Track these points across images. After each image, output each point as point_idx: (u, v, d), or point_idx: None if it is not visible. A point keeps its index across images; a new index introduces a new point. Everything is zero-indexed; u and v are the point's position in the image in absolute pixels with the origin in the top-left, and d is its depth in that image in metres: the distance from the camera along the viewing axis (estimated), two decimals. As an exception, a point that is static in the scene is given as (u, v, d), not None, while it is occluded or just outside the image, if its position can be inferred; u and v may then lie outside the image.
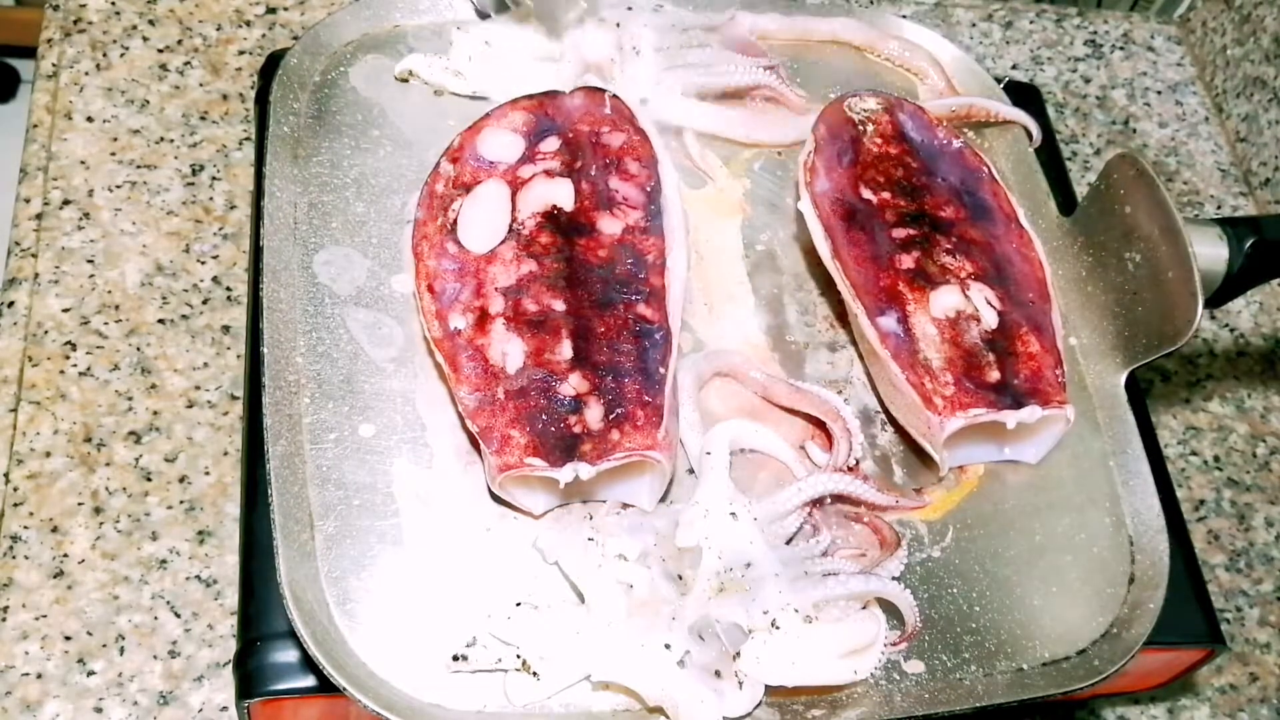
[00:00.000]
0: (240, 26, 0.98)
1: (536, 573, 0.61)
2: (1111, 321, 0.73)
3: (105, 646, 0.73)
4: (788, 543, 0.63)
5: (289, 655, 0.61)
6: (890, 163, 0.75)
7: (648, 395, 0.62)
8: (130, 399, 0.81)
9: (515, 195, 0.69)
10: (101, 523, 0.77)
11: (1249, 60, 1.10)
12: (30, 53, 1.09)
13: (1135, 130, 1.12)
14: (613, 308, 0.65)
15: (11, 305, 0.83)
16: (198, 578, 0.76)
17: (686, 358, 0.69)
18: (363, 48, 0.77)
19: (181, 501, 0.78)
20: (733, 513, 0.61)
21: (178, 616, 0.75)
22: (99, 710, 0.71)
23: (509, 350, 0.63)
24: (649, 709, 0.58)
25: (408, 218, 0.70)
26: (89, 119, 0.91)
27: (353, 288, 0.68)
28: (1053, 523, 0.68)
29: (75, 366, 0.81)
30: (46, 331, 0.82)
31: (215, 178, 0.91)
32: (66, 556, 0.75)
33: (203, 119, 0.93)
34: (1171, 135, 1.12)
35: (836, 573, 0.61)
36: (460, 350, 0.63)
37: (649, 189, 0.70)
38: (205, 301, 0.86)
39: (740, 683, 0.58)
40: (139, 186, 0.89)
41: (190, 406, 0.81)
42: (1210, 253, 0.68)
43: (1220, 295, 0.70)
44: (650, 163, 0.71)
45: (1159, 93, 1.14)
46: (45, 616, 0.73)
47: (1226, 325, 1.03)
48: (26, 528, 0.76)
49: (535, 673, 0.58)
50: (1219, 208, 1.09)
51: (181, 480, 0.79)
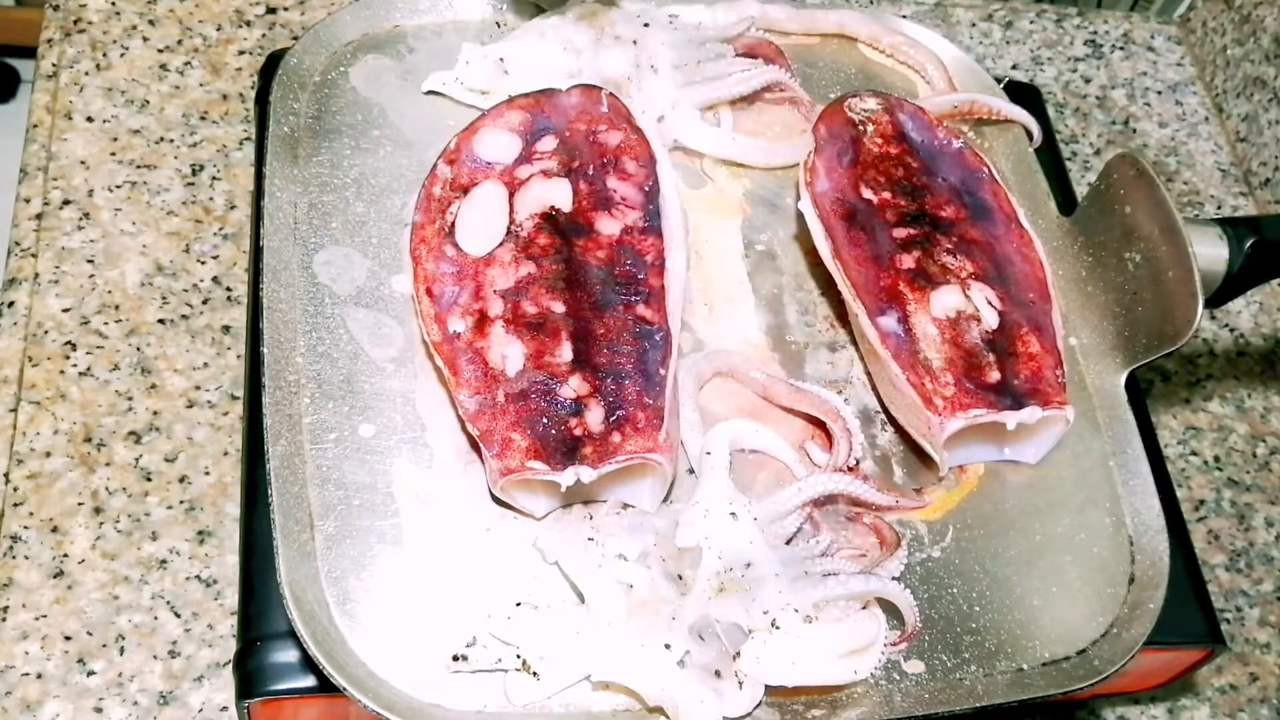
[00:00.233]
0: (240, 26, 0.98)
1: (536, 573, 0.61)
2: (1111, 321, 0.73)
3: (105, 646, 0.73)
4: (788, 543, 0.63)
5: (289, 655, 0.61)
6: (891, 162, 0.75)
7: (648, 397, 0.62)
8: (130, 399, 0.81)
9: (513, 196, 0.69)
10: (101, 523, 0.77)
11: (1249, 60, 1.10)
12: (30, 53, 1.09)
13: (1135, 130, 1.12)
14: (612, 309, 0.65)
15: (11, 305, 0.83)
16: (198, 578, 0.76)
17: (686, 358, 0.69)
18: (363, 48, 0.77)
19: (181, 501, 0.78)
20: (733, 513, 0.61)
21: (178, 616, 0.75)
22: (99, 710, 0.71)
23: (509, 353, 0.63)
24: (649, 709, 0.58)
25: (408, 218, 0.69)
26: (89, 119, 0.91)
27: (353, 288, 0.68)
28: (1053, 523, 0.68)
29: (75, 366, 0.81)
30: (46, 331, 0.82)
31: (215, 178, 0.91)
32: (66, 556, 0.75)
33: (203, 119, 0.93)
34: (1171, 135, 1.12)
35: (836, 573, 0.61)
36: (460, 353, 0.63)
37: (647, 188, 0.70)
38: (205, 301, 0.86)
39: (740, 683, 0.58)
40: (139, 186, 0.89)
41: (190, 406, 0.81)
42: (1210, 253, 0.68)
43: (1220, 295, 0.70)
44: (648, 162, 0.71)
45: (1159, 93, 1.14)
46: (45, 616, 0.73)
47: (1226, 325, 1.03)
48: (26, 528, 0.76)
49: (535, 673, 0.58)
50: (1219, 208, 1.09)
51: (181, 480, 0.79)
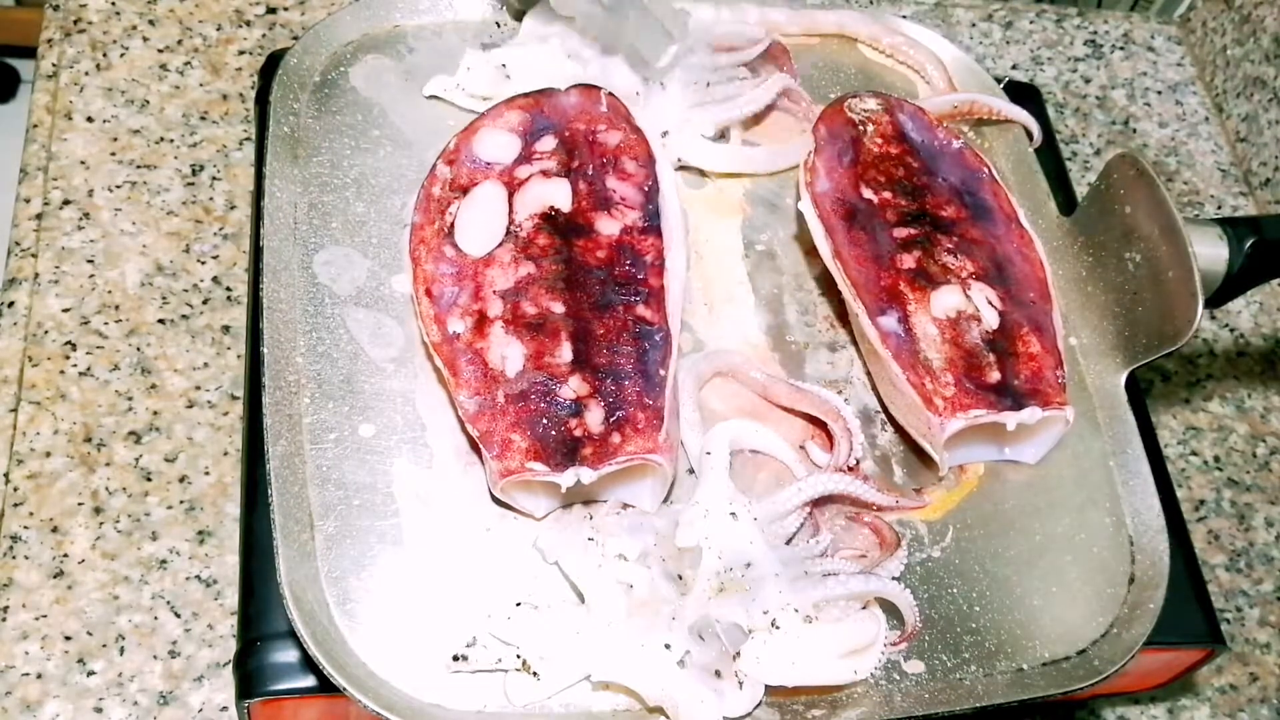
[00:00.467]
0: (240, 26, 0.98)
1: (536, 573, 0.61)
2: (1111, 321, 0.73)
3: (105, 646, 0.73)
4: (788, 543, 0.63)
5: (289, 655, 0.61)
6: (891, 162, 0.74)
7: (648, 397, 0.62)
8: (130, 399, 0.81)
9: (512, 197, 0.69)
10: (101, 523, 0.77)
11: (1249, 60, 1.10)
12: (30, 53, 1.09)
13: (1135, 130, 1.12)
14: (612, 309, 0.65)
15: (11, 305, 0.83)
16: (198, 578, 0.76)
17: (686, 358, 0.69)
18: (363, 48, 0.77)
19: (181, 501, 0.78)
20: (733, 513, 0.61)
21: (178, 616, 0.75)
22: (99, 710, 0.71)
23: (508, 353, 0.63)
24: (649, 709, 0.58)
25: (408, 218, 0.69)
26: (89, 119, 0.91)
27: (353, 288, 0.68)
28: (1053, 523, 0.68)
29: (75, 366, 0.81)
30: (46, 331, 0.82)
31: (215, 178, 0.91)
32: (66, 556, 0.75)
33: (203, 119, 0.93)
34: (1171, 135, 1.12)
35: (836, 573, 0.61)
36: (459, 354, 0.63)
37: (647, 188, 0.70)
38: (205, 301, 0.86)
39: (740, 683, 0.58)
40: (139, 186, 0.89)
41: (190, 406, 0.81)
42: (1210, 253, 0.68)
43: (1220, 295, 0.70)
44: (647, 161, 0.71)
45: (1159, 93, 1.14)
46: (45, 616, 0.73)
47: (1226, 325, 1.03)
48: (26, 528, 0.76)
49: (535, 673, 0.58)
50: (1219, 208, 1.09)
51: (181, 480, 0.79)
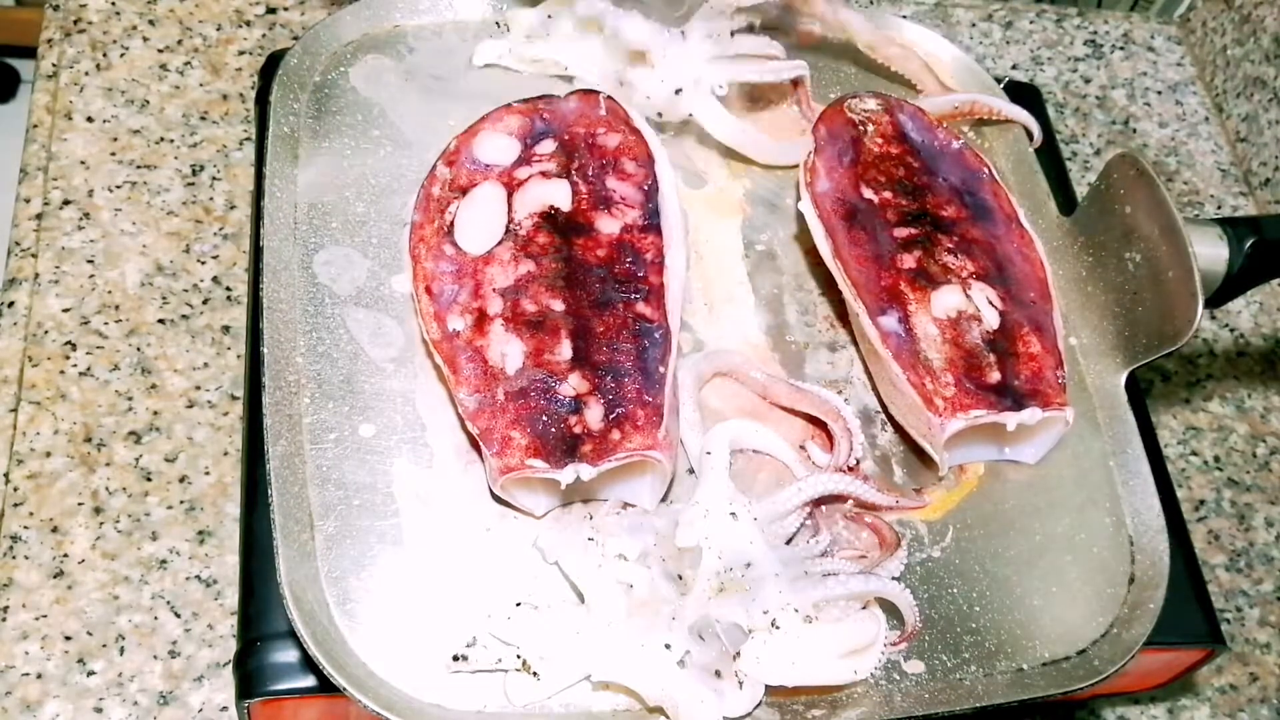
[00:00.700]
0: (240, 26, 0.98)
1: (536, 573, 0.61)
2: (1111, 321, 0.73)
3: (105, 646, 0.73)
4: (788, 543, 0.63)
5: (289, 655, 0.61)
6: (891, 162, 0.74)
7: (648, 395, 0.62)
8: (130, 399, 0.81)
9: (511, 196, 0.69)
10: (101, 523, 0.76)
11: (1249, 60, 1.10)
12: (30, 53, 1.09)
13: (1135, 130, 1.12)
14: (612, 307, 0.65)
15: (11, 305, 0.83)
16: (198, 578, 0.76)
17: (686, 358, 0.69)
18: (363, 48, 0.77)
19: (181, 501, 0.78)
20: (733, 513, 0.61)
21: (178, 616, 0.75)
22: (99, 710, 0.71)
23: (508, 351, 0.63)
24: (649, 709, 0.58)
25: (408, 218, 0.70)
26: (89, 119, 0.91)
27: (353, 288, 0.68)
28: (1053, 523, 0.68)
29: (75, 366, 0.81)
30: (46, 331, 0.82)
31: (215, 178, 0.91)
32: (66, 556, 0.75)
33: (203, 119, 0.93)
34: (1171, 135, 1.12)
35: (836, 573, 0.61)
36: (459, 352, 0.63)
37: (646, 187, 0.70)
38: (205, 301, 0.86)
39: (740, 683, 0.58)
40: (139, 186, 0.89)
41: (190, 406, 0.81)
42: (1210, 253, 0.68)
43: (1220, 295, 0.70)
44: (647, 161, 0.71)
45: (1159, 93, 1.14)
46: (45, 616, 0.73)
47: (1226, 325, 1.03)
48: (26, 528, 0.76)
49: (535, 673, 0.58)
50: (1219, 208, 1.09)
51: (181, 480, 0.79)
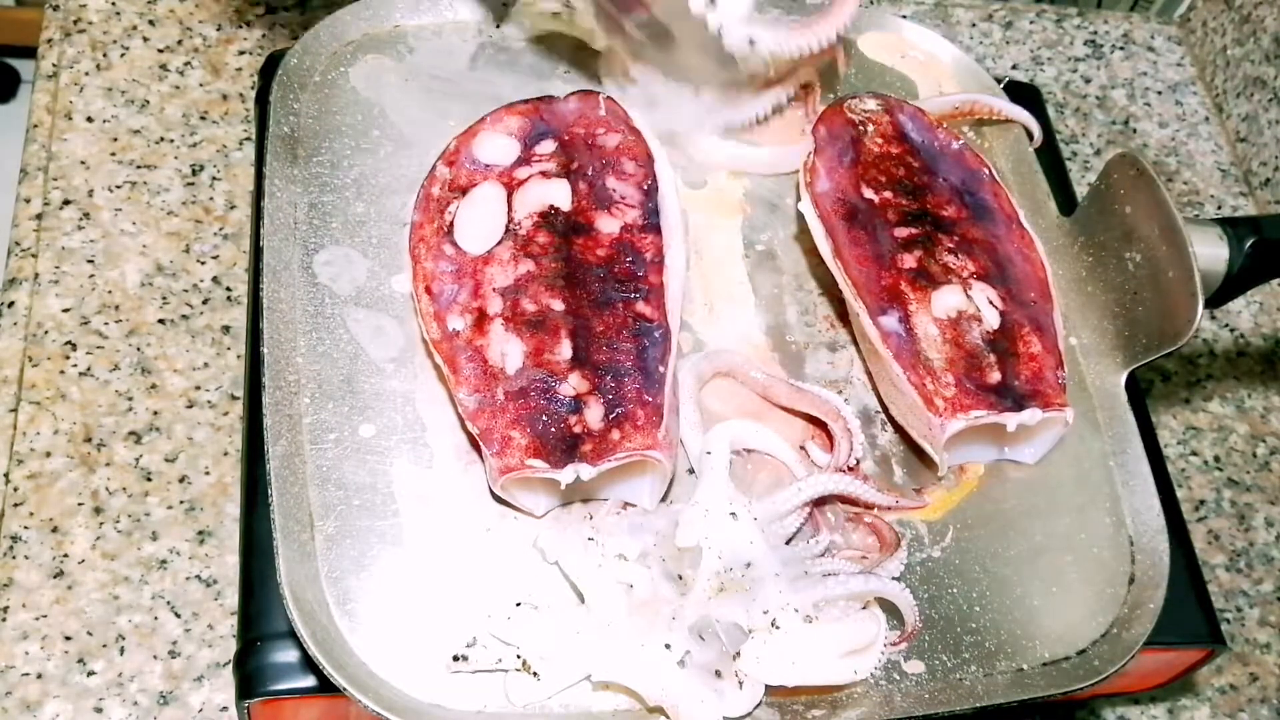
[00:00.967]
0: (240, 26, 0.98)
1: (536, 573, 0.61)
2: (1111, 321, 0.73)
3: (105, 646, 0.73)
4: (788, 543, 0.63)
5: (289, 655, 0.60)
6: (891, 162, 0.74)
7: (647, 394, 0.62)
8: (130, 399, 0.81)
9: (511, 196, 0.69)
10: (101, 523, 0.76)
11: (1249, 60, 1.10)
12: (30, 53, 1.09)
13: (1135, 130, 1.12)
14: (611, 306, 0.65)
15: (11, 305, 0.83)
16: (198, 578, 0.76)
17: (687, 358, 0.69)
18: (363, 48, 0.77)
19: (181, 501, 0.78)
20: (733, 513, 0.61)
21: (178, 616, 0.75)
22: (99, 710, 0.71)
23: (508, 351, 0.63)
24: (649, 709, 0.58)
25: (407, 218, 0.70)
26: (89, 119, 0.91)
27: (353, 288, 0.68)
28: (1053, 523, 0.68)
29: (75, 366, 0.81)
30: (46, 331, 0.82)
31: (215, 178, 0.91)
32: (66, 556, 0.75)
33: (203, 119, 0.93)
34: (1171, 135, 1.12)
35: (836, 573, 0.61)
36: (459, 352, 0.63)
37: (646, 187, 0.70)
38: (205, 301, 0.86)
39: (740, 683, 0.58)
40: (139, 186, 0.89)
41: (190, 406, 0.81)
42: (1210, 253, 0.68)
43: (1220, 295, 0.70)
44: (646, 161, 0.71)
45: (1159, 93, 1.14)
46: (45, 616, 0.73)
47: (1226, 325, 1.03)
48: (26, 528, 0.76)
49: (535, 673, 0.58)
50: (1219, 208, 1.09)
51: (181, 480, 0.79)
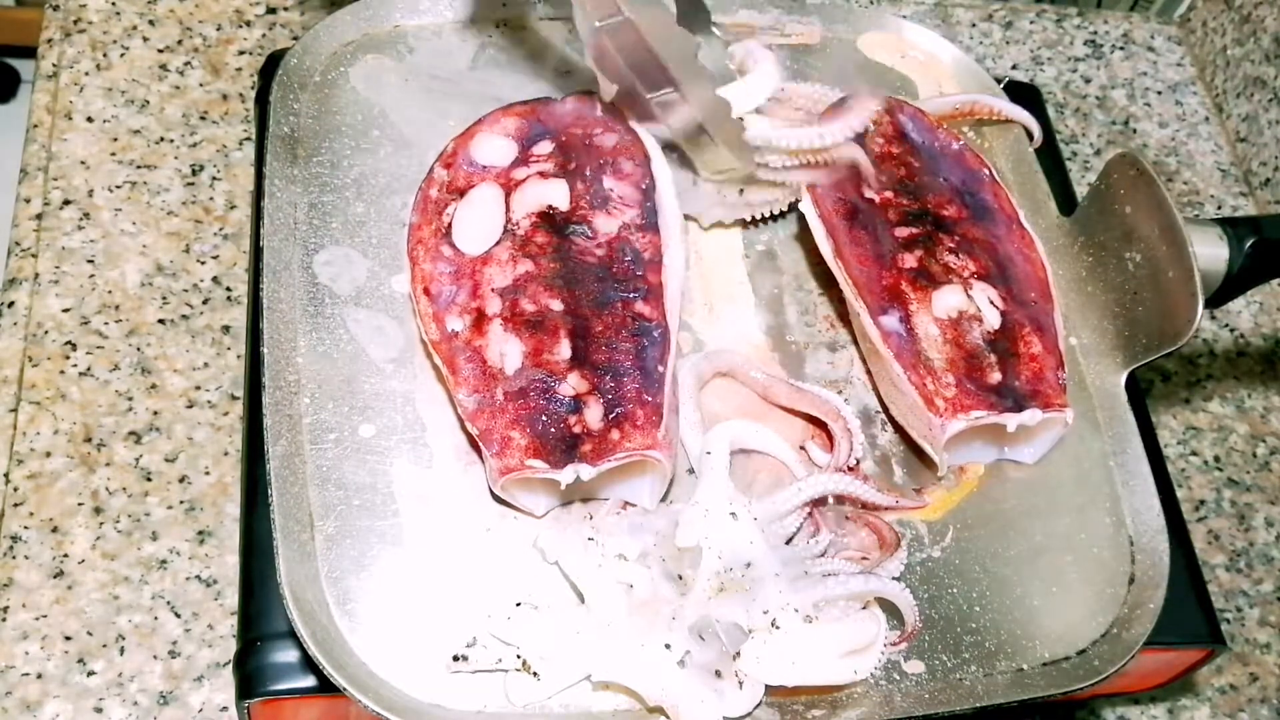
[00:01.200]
0: (240, 26, 0.98)
1: (536, 573, 0.61)
2: (1111, 321, 0.73)
3: (105, 646, 0.73)
4: (788, 543, 0.63)
5: (289, 655, 0.60)
6: (892, 162, 0.74)
7: (647, 394, 0.62)
8: (130, 399, 0.81)
9: (509, 197, 0.69)
10: (101, 523, 0.76)
11: (1249, 60, 1.10)
12: (30, 53, 1.09)
13: (1135, 130, 1.12)
14: (610, 306, 0.65)
15: (11, 305, 0.83)
16: (198, 578, 0.76)
17: (687, 358, 0.69)
18: (363, 48, 0.77)
19: (181, 501, 0.78)
20: (733, 513, 0.61)
21: (178, 616, 0.75)
22: (99, 710, 0.71)
23: (507, 351, 0.63)
24: (649, 709, 0.58)
25: (407, 218, 0.70)
26: (89, 119, 0.91)
27: (353, 288, 0.68)
28: (1053, 523, 0.68)
29: (75, 366, 0.81)
30: (46, 331, 0.82)
31: (215, 178, 0.91)
32: (66, 556, 0.75)
33: (203, 119, 0.93)
34: (1171, 135, 1.12)
35: (836, 573, 0.61)
36: (458, 352, 0.63)
37: (644, 186, 0.70)
38: (205, 301, 0.86)
39: (740, 683, 0.58)
40: (139, 186, 0.89)
41: (190, 406, 0.81)
42: (1210, 253, 0.68)
43: (1220, 295, 0.70)
44: (644, 161, 0.71)
45: (1159, 93, 1.14)
46: (45, 616, 0.73)
47: (1226, 325, 1.03)
48: (26, 528, 0.76)
49: (535, 673, 0.58)
50: (1219, 208, 1.09)
51: (181, 480, 0.79)
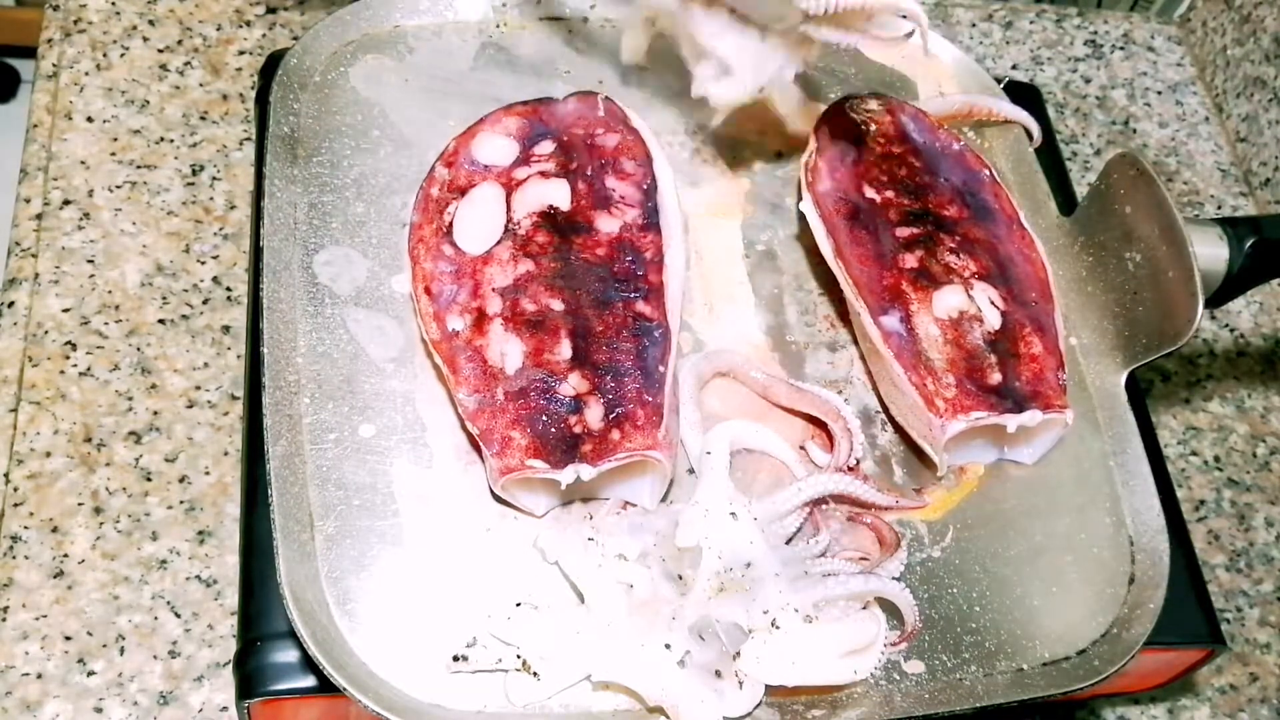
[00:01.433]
0: (240, 26, 0.98)
1: (536, 573, 0.61)
2: (1111, 321, 0.73)
3: (105, 646, 0.73)
4: (788, 543, 0.63)
5: (289, 655, 0.60)
6: (893, 162, 0.75)
7: (648, 394, 0.62)
8: (130, 399, 0.81)
9: (510, 196, 0.69)
10: (101, 523, 0.76)
11: (1249, 60, 1.10)
12: (30, 53, 1.09)
13: (1135, 130, 1.12)
14: (611, 306, 0.65)
15: (11, 305, 0.83)
16: (198, 578, 0.76)
17: (687, 358, 0.69)
18: (363, 48, 0.77)
19: (181, 501, 0.78)
20: (733, 513, 0.61)
21: (178, 616, 0.75)
22: (99, 710, 0.71)
23: (507, 351, 0.63)
24: (649, 709, 0.58)
25: (407, 218, 0.70)
26: (89, 119, 0.91)
27: (353, 288, 0.68)
28: (1053, 523, 0.68)
29: (75, 366, 0.81)
30: (46, 331, 0.82)
31: (215, 178, 0.91)
32: (66, 556, 0.75)
33: (203, 119, 0.93)
34: (1171, 135, 1.12)
35: (836, 573, 0.61)
36: (459, 352, 0.63)
37: (645, 186, 0.70)
38: (205, 301, 0.86)
39: (740, 683, 0.58)
40: (139, 186, 0.89)
41: (190, 406, 0.81)
42: (1210, 253, 0.68)
43: (1220, 295, 0.70)
44: (645, 161, 0.71)
45: (1159, 93, 1.14)
46: (45, 616, 0.73)
47: (1226, 325, 1.03)
48: (26, 528, 0.76)
49: (535, 673, 0.58)
50: (1219, 208, 1.09)
51: (181, 480, 0.79)
